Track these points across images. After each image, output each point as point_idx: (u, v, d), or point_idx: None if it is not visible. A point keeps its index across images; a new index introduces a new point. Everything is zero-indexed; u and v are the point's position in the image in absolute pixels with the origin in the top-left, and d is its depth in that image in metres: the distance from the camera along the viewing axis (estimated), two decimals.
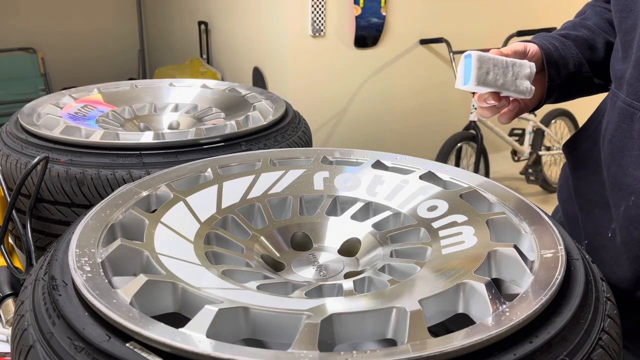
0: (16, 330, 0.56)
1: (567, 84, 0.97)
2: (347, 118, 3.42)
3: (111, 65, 5.19)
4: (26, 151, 1.01)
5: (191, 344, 0.48)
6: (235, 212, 0.78)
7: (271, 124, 1.13)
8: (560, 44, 0.95)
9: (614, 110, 0.87)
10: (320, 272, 0.72)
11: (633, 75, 0.82)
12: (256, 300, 0.55)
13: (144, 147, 0.99)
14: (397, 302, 0.54)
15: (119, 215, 0.71)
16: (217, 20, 4.09)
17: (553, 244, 0.63)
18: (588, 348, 0.51)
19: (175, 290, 0.58)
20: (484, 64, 0.81)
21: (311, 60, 3.24)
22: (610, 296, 0.61)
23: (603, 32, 0.99)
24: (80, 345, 0.49)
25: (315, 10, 3.12)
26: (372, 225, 0.78)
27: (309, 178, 0.86)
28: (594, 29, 0.99)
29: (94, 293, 0.54)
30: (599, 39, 0.98)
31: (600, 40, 0.98)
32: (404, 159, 0.89)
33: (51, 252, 0.65)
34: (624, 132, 0.84)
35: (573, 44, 0.96)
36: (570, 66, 0.95)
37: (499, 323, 0.50)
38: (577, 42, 0.97)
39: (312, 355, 0.48)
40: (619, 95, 0.86)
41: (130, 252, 0.64)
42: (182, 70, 4.20)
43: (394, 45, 3.36)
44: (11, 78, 4.55)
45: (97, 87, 1.40)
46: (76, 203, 0.98)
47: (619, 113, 0.85)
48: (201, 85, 1.44)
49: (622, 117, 0.84)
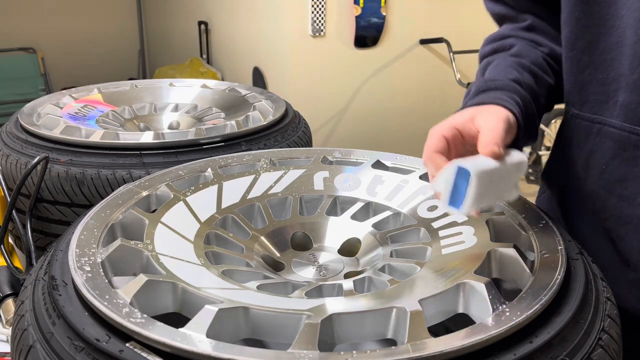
0: (16, 330, 0.56)
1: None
2: (347, 118, 3.42)
3: (111, 65, 5.19)
4: (26, 151, 1.01)
5: (191, 344, 0.48)
6: (235, 212, 0.78)
7: (271, 124, 1.13)
8: (524, 103, 0.76)
9: (601, 138, 0.77)
10: (320, 272, 0.72)
11: (633, 100, 0.72)
12: (256, 300, 0.55)
13: (144, 147, 0.99)
14: (397, 302, 0.54)
15: (119, 215, 0.71)
16: (217, 20, 4.09)
17: (553, 244, 0.63)
18: (588, 348, 0.51)
19: (175, 290, 0.58)
20: (482, 183, 0.61)
21: (311, 60, 3.23)
22: (610, 296, 0.61)
23: (545, 75, 0.83)
24: (80, 345, 0.49)
25: (315, 10, 3.12)
26: (372, 225, 0.78)
27: (309, 178, 0.86)
28: (536, 72, 0.82)
29: (94, 293, 0.54)
30: (542, 85, 0.82)
31: (543, 87, 0.83)
32: (404, 159, 0.89)
33: (51, 252, 0.65)
34: (624, 160, 0.75)
35: (528, 94, 0.79)
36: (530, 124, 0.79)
37: (499, 323, 0.50)
38: (529, 90, 0.79)
39: (312, 355, 0.48)
40: (606, 121, 0.76)
41: (130, 252, 0.64)
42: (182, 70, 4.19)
43: (394, 45, 3.36)
44: (11, 78, 4.54)
45: (97, 87, 1.40)
46: (76, 203, 0.98)
47: (614, 141, 0.75)
48: (201, 85, 1.44)
49: (620, 145, 0.75)
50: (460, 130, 0.68)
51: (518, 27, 0.88)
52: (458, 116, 0.69)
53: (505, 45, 0.87)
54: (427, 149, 0.67)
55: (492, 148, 0.63)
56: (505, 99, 0.72)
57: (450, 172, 0.61)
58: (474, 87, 0.78)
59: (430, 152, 0.66)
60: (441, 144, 0.67)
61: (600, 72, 0.76)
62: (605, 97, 0.76)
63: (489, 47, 0.89)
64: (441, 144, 0.67)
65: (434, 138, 0.67)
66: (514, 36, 0.88)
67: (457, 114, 0.70)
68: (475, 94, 0.76)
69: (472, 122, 0.68)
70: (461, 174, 0.61)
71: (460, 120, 0.68)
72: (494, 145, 0.63)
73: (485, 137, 0.65)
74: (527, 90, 0.78)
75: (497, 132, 0.65)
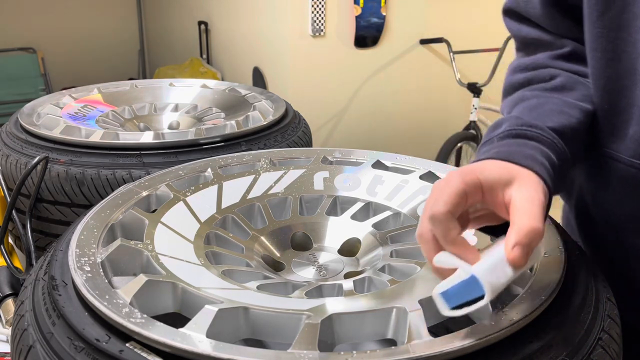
0: (16, 330, 0.56)
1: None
2: (347, 118, 3.42)
3: (111, 65, 5.19)
4: (26, 151, 1.01)
5: (191, 344, 0.48)
6: (235, 212, 0.78)
7: (271, 124, 1.13)
8: (560, 162, 0.61)
9: (611, 173, 0.69)
10: (320, 272, 0.72)
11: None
12: (256, 300, 0.55)
13: (144, 147, 0.99)
14: (397, 302, 0.54)
15: (119, 215, 0.71)
16: (217, 20, 4.09)
17: (553, 244, 0.63)
18: (588, 348, 0.51)
19: (175, 290, 0.58)
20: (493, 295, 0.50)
21: (311, 60, 3.24)
22: (610, 296, 0.61)
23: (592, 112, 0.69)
24: (80, 345, 0.49)
25: (315, 10, 3.12)
26: (372, 225, 0.78)
27: (309, 178, 0.86)
28: (588, 110, 0.68)
29: (94, 293, 0.54)
30: (586, 122, 0.69)
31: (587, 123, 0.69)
32: (404, 159, 0.89)
33: (51, 252, 0.65)
34: (634, 199, 0.68)
35: (568, 148, 0.64)
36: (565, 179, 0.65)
37: (499, 323, 0.50)
38: (574, 137, 0.65)
39: (312, 355, 0.47)
40: (614, 155, 0.68)
41: (130, 252, 0.64)
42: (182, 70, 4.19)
43: (394, 45, 3.36)
44: (11, 78, 4.54)
45: (97, 87, 1.40)
46: (76, 203, 0.98)
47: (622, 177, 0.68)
48: (201, 85, 1.44)
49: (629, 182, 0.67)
50: (485, 189, 0.54)
51: (555, 56, 0.72)
52: (487, 169, 0.54)
53: (544, 76, 0.71)
54: (441, 204, 0.51)
55: (519, 260, 0.49)
56: (539, 162, 0.57)
57: (461, 277, 0.50)
58: (504, 124, 0.63)
59: (442, 211, 0.51)
60: (459, 200, 0.51)
61: (607, 101, 0.68)
62: (612, 129, 0.68)
63: (522, 75, 0.74)
64: (459, 200, 0.51)
65: (453, 190, 0.51)
66: (553, 67, 0.72)
67: (486, 165, 0.55)
68: (506, 136, 0.61)
69: (503, 188, 0.53)
70: (472, 285, 0.49)
71: (489, 177, 0.54)
72: (522, 258, 0.49)
73: (516, 237, 0.49)
74: (570, 140, 0.64)
75: (532, 231, 0.49)
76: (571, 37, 0.72)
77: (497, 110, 3.35)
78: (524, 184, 0.53)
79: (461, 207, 0.52)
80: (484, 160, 0.57)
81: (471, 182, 0.52)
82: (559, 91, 0.68)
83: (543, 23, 0.73)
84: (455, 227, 0.51)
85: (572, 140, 0.63)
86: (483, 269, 0.50)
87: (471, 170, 0.54)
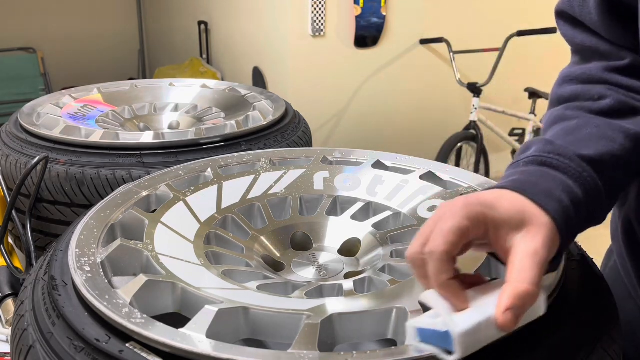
0: (16, 330, 0.56)
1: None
2: (347, 118, 3.42)
3: (111, 65, 5.19)
4: (26, 151, 1.01)
5: (191, 344, 0.48)
6: (235, 212, 0.78)
7: (271, 124, 1.13)
8: (586, 199, 0.55)
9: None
10: (321, 272, 0.72)
11: None
12: (256, 301, 0.55)
13: (144, 147, 0.99)
14: (397, 302, 0.54)
15: (119, 215, 0.71)
16: (217, 20, 4.09)
17: None
18: (588, 348, 0.51)
19: (175, 290, 0.58)
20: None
21: (311, 60, 3.24)
22: (610, 297, 0.60)
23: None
24: (80, 346, 0.49)
25: (315, 10, 3.12)
26: (372, 226, 0.78)
27: (309, 178, 0.86)
28: (635, 135, 0.60)
29: (93, 293, 0.54)
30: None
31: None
32: (404, 159, 0.89)
33: (51, 252, 0.65)
34: None
35: (606, 177, 0.57)
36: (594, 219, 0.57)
37: None
38: (615, 168, 0.58)
39: (312, 355, 0.47)
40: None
41: (130, 252, 0.64)
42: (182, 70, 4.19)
43: (394, 45, 3.36)
44: (11, 78, 4.54)
45: (97, 87, 1.40)
46: (76, 203, 0.98)
47: None
48: (201, 85, 1.44)
49: None
50: (490, 228, 0.49)
51: (611, 68, 0.65)
52: (499, 206, 0.50)
53: (593, 95, 0.64)
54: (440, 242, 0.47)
55: (510, 325, 0.45)
56: (557, 199, 0.52)
57: (437, 334, 0.46)
58: (533, 147, 0.58)
59: (440, 250, 0.47)
60: (458, 239, 0.48)
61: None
62: None
63: (569, 88, 0.67)
64: (458, 239, 0.48)
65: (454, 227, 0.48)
66: (606, 81, 0.64)
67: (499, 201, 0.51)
68: (531, 162, 0.57)
69: (509, 232, 0.49)
70: (446, 338, 0.45)
71: (498, 216, 0.49)
72: (513, 323, 0.45)
73: (509, 300, 0.45)
74: (611, 168, 0.57)
75: (527, 295, 0.46)
76: (631, 48, 0.64)
77: (497, 110, 3.36)
78: (530, 232, 0.49)
79: (462, 243, 0.49)
80: (500, 189, 0.53)
81: (476, 218, 0.49)
82: (605, 114, 0.62)
83: (600, 30, 0.66)
84: (448, 271, 0.47)
85: (612, 169, 0.58)
86: (463, 329, 0.45)
87: (481, 203, 0.50)
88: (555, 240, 0.50)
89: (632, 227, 0.71)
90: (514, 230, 0.49)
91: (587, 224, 0.56)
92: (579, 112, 0.63)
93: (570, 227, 0.52)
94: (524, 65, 3.48)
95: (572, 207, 0.53)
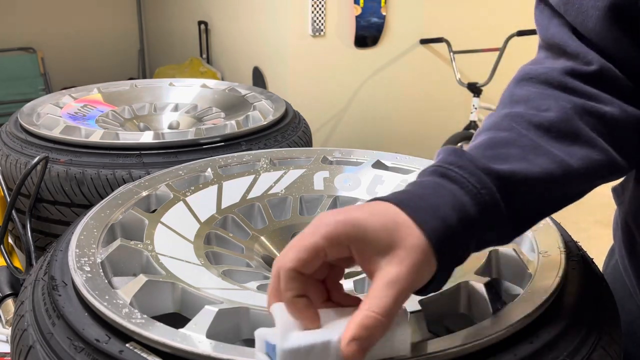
0: (16, 330, 0.56)
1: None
2: (347, 118, 3.42)
3: (111, 65, 5.19)
4: (26, 151, 1.01)
5: (191, 344, 0.47)
6: (235, 212, 0.78)
7: (271, 124, 1.13)
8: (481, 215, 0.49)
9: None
10: None
11: None
12: (256, 301, 0.55)
13: (144, 147, 0.99)
14: None
15: (119, 215, 0.70)
16: (217, 20, 4.09)
17: (553, 244, 0.63)
18: (588, 348, 0.51)
19: (175, 290, 0.58)
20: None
21: (311, 60, 3.24)
22: (610, 296, 0.60)
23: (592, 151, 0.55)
24: (80, 346, 0.49)
25: (315, 10, 3.12)
26: None
27: (309, 178, 0.86)
28: (562, 162, 0.53)
29: (93, 293, 0.54)
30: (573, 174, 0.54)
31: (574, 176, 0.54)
32: (404, 159, 0.89)
33: (51, 252, 0.65)
34: None
35: (517, 198, 0.51)
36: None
37: (499, 323, 0.50)
38: (531, 193, 0.52)
39: None
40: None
41: (130, 252, 0.64)
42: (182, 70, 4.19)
43: (394, 45, 3.36)
44: (11, 78, 4.54)
45: (97, 87, 1.40)
46: (76, 203, 0.98)
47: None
48: (201, 85, 1.44)
49: None
50: (353, 249, 0.45)
51: (576, 72, 0.59)
52: (370, 226, 0.45)
53: (541, 104, 0.57)
54: (289, 258, 0.45)
55: (355, 356, 0.42)
56: (440, 217, 0.47)
57: (270, 347, 0.44)
58: (440, 155, 0.53)
59: (287, 267, 0.45)
60: (311, 258, 0.45)
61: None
62: None
63: (525, 90, 0.60)
64: (311, 258, 0.45)
65: (307, 246, 0.45)
66: (565, 87, 0.58)
67: (372, 219, 0.46)
68: (431, 173, 0.52)
69: (375, 255, 0.45)
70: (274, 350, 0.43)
71: (364, 238, 0.45)
72: (358, 354, 0.42)
73: (355, 330, 0.42)
74: (525, 191, 0.51)
75: (375, 326, 0.42)
76: (606, 53, 0.58)
77: None
78: (398, 257, 0.44)
79: (316, 263, 0.45)
80: (384, 202, 0.49)
81: (336, 239, 0.44)
82: (543, 129, 0.55)
83: (586, 30, 0.59)
84: (294, 289, 0.44)
85: (525, 193, 0.51)
86: (289, 346, 0.42)
87: (351, 222, 0.45)
88: (430, 264, 0.45)
89: (629, 228, 0.71)
90: (381, 253, 0.45)
91: (483, 245, 0.51)
92: (516, 124, 0.56)
93: (453, 249, 0.47)
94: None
95: (460, 227, 0.47)
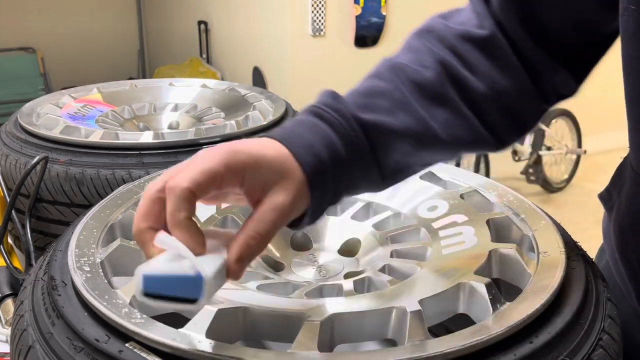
0: (15, 330, 0.56)
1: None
2: None
3: (111, 65, 5.19)
4: (26, 151, 1.01)
5: (191, 344, 0.47)
6: (235, 212, 0.77)
7: (271, 124, 1.13)
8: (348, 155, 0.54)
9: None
10: (320, 273, 0.72)
11: None
12: (256, 301, 0.55)
13: (143, 147, 0.99)
14: (397, 302, 0.54)
15: (119, 215, 0.70)
16: (217, 20, 4.09)
17: (553, 244, 0.63)
18: (588, 348, 0.51)
19: None
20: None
21: (311, 60, 3.24)
22: (610, 296, 0.60)
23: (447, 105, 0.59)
24: (79, 346, 0.49)
25: (315, 10, 3.12)
26: (372, 226, 0.78)
27: None
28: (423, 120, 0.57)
29: (93, 293, 0.54)
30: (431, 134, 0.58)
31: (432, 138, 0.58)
32: None
33: (50, 252, 0.65)
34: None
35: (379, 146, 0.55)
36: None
37: (499, 323, 0.50)
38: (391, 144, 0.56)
39: (312, 355, 0.47)
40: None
41: (129, 252, 0.64)
42: (182, 70, 4.19)
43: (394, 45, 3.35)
44: (11, 78, 4.54)
45: (96, 87, 1.40)
46: (76, 203, 0.98)
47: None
48: (201, 85, 1.44)
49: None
50: (246, 182, 0.47)
51: (467, 36, 0.61)
52: (265, 162, 0.48)
53: (424, 60, 0.60)
54: (186, 178, 0.45)
55: (239, 275, 0.46)
56: (314, 153, 0.50)
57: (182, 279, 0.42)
58: (318, 97, 0.58)
59: (182, 187, 0.44)
60: (209, 183, 0.45)
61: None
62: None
63: (419, 42, 0.65)
64: (209, 183, 0.45)
65: (208, 169, 0.45)
66: (454, 50, 0.60)
67: (265, 156, 0.49)
68: (308, 112, 0.56)
69: (265, 189, 0.48)
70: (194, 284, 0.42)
71: (258, 173, 0.48)
72: (242, 272, 0.46)
73: (241, 250, 0.45)
74: (385, 141, 0.55)
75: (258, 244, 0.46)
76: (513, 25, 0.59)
77: None
78: (284, 186, 0.48)
79: (210, 189, 0.45)
80: (270, 139, 0.51)
81: (235, 168, 0.46)
82: (416, 87, 0.58)
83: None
84: (187, 209, 0.44)
85: (389, 145, 0.55)
86: (212, 272, 0.42)
87: (247, 153, 0.47)
88: (305, 197, 0.49)
89: (622, 232, 0.70)
90: (271, 182, 0.48)
91: (353, 189, 0.55)
92: (396, 76, 0.59)
93: (324, 184, 0.51)
94: None
95: (331, 164, 0.51)
